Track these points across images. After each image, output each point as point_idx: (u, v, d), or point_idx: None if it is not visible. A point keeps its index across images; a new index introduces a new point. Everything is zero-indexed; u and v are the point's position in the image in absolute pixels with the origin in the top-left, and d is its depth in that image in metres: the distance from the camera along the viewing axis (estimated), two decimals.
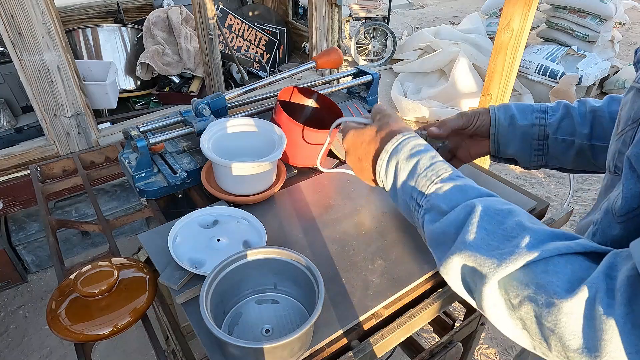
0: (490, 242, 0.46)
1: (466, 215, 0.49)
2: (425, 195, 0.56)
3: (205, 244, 0.83)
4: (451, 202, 0.53)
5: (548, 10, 3.96)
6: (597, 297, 0.37)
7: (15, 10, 1.49)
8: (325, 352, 0.69)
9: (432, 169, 0.58)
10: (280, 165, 1.05)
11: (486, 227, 0.47)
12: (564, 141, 0.77)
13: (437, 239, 0.53)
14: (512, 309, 0.43)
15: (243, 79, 2.67)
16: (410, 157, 0.60)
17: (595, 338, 0.36)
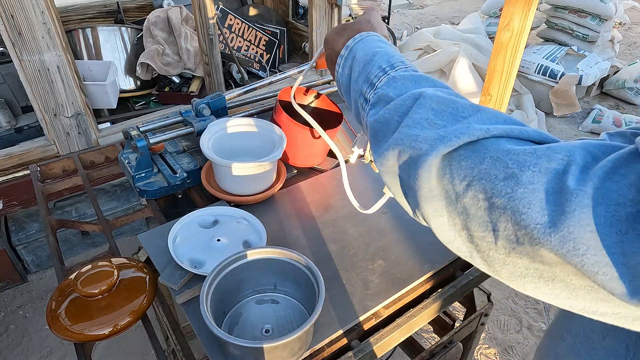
0: (437, 121, 0.39)
1: (413, 100, 0.43)
2: (375, 87, 0.49)
3: (205, 244, 0.83)
4: (400, 91, 0.46)
5: (548, 10, 3.96)
6: (570, 169, 0.31)
7: (15, 10, 1.49)
8: (325, 352, 0.69)
9: (387, 61, 0.51)
10: (280, 165, 1.05)
11: (433, 107, 0.41)
12: None
13: (379, 131, 0.45)
14: (455, 200, 0.36)
15: (243, 79, 2.67)
16: (367, 49, 0.54)
17: (555, 212, 0.31)
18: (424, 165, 0.38)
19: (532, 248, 0.32)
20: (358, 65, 0.54)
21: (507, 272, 0.35)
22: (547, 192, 0.31)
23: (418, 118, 0.40)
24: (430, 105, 0.41)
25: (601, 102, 3.87)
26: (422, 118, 0.40)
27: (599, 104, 3.78)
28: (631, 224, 0.28)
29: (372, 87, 0.50)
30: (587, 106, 3.77)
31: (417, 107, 0.41)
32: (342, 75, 0.57)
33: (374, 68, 0.51)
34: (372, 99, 0.49)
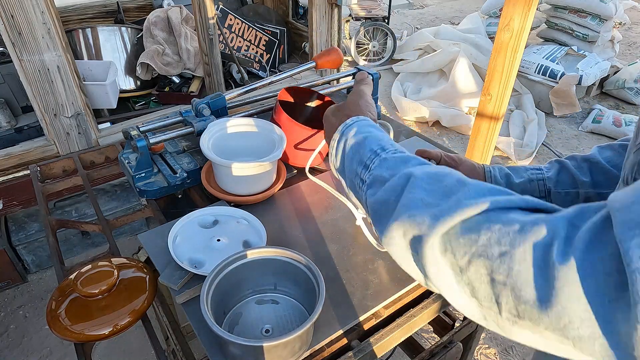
0: (430, 200, 0.43)
1: (406, 180, 0.47)
2: (369, 168, 0.54)
3: (205, 244, 0.83)
4: (392, 171, 0.50)
5: (548, 10, 3.97)
6: (554, 243, 0.33)
7: (15, 10, 1.49)
8: (325, 352, 0.69)
9: (378, 144, 0.56)
10: (280, 165, 1.05)
11: (425, 187, 0.44)
12: (568, 194, 0.73)
13: (379, 210, 0.49)
14: (460, 273, 0.39)
15: (243, 79, 2.67)
16: (358, 134, 0.59)
17: (547, 288, 0.32)
18: (427, 244, 0.41)
19: (532, 323, 0.34)
20: (351, 149, 0.58)
21: (518, 337, 0.37)
22: (538, 267, 0.33)
23: (412, 198, 0.44)
24: (421, 185, 0.45)
25: (601, 102, 3.87)
26: (417, 198, 0.44)
27: (599, 104, 3.78)
28: (620, 292, 0.29)
29: (367, 169, 0.54)
30: (587, 106, 3.77)
31: (411, 187, 0.45)
32: (336, 157, 0.62)
33: (366, 151, 0.56)
34: (368, 179, 0.53)
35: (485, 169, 0.80)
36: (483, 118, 2.05)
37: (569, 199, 0.73)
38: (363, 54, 4.60)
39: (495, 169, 0.79)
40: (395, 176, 0.48)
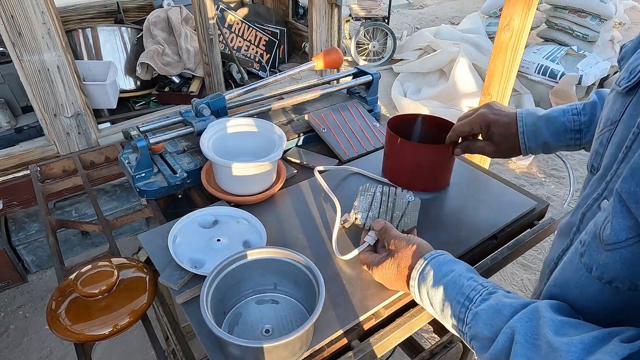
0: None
1: (509, 342, 0.50)
2: (465, 323, 0.57)
3: (205, 244, 0.83)
4: (492, 328, 0.53)
5: (548, 10, 3.97)
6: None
7: (15, 10, 1.49)
8: (325, 352, 0.69)
9: (462, 293, 0.59)
10: (280, 165, 1.05)
11: (528, 356, 0.47)
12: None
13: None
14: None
15: (243, 79, 2.67)
16: (436, 283, 0.63)
17: None
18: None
19: None
20: (435, 299, 0.62)
21: None
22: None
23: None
24: (524, 353, 0.47)
25: None
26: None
27: None
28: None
29: (463, 323, 0.58)
30: None
31: (515, 357, 0.48)
32: (424, 306, 0.67)
33: (454, 305, 0.59)
34: (468, 332, 0.57)
35: (519, 140, 0.82)
36: None
37: None
38: (363, 54, 4.60)
39: (530, 138, 0.81)
40: (498, 338, 0.51)
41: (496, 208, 0.97)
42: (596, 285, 0.47)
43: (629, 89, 0.50)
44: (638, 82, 0.49)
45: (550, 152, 0.83)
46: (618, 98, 0.53)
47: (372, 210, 0.85)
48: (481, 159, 2.13)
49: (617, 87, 0.53)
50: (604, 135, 0.54)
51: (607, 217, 0.45)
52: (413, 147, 0.96)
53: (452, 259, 0.66)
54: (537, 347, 0.47)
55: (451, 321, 0.60)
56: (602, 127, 0.55)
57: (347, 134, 1.21)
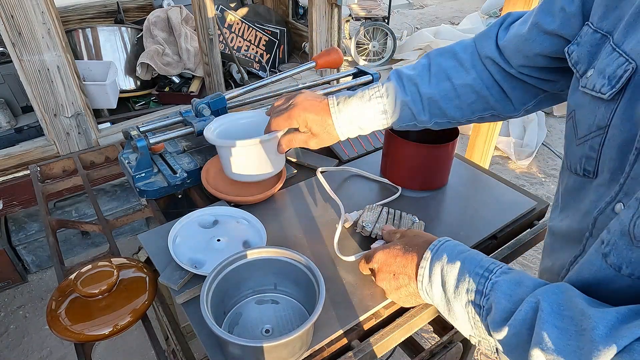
0: (568, 341, 0.45)
1: (533, 313, 0.49)
2: (483, 295, 0.55)
3: (205, 244, 0.83)
4: (513, 298, 0.52)
5: None
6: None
7: (15, 10, 1.49)
8: (325, 352, 0.69)
9: (480, 266, 0.58)
10: None
11: (555, 325, 0.46)
12: (407, 125, 0.83)
13: (511, 342, 0.51)
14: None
15: (243, 79, 2.67)
16: (453, 258, 0.60)
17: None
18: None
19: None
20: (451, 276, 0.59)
21: None
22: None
23: (550, 340, 0.45)
24: (552, 321, 0.46)
25: None
26: (553, 338, 0.45)
27: None
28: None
29: (482, 295, 0.55)
30: None
31: (541, 323, 0.47)
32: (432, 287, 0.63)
33: (472, 275, 0.57)
34: (486, 305, 0.55)
35: (335, 126, 0.84)
36: None
37: (407, 128, 0.84)
38: (363, 54, 4.60)
39: (344, 125, 0.84)
40: (520, 308, 0.50)
41: (496, 208, 0.97)
42: (624, 281, 0.47)
43: (614, 95, 0.50)
44: (622, 88, 0.49)
45: (365, 132, 0.85)
46: (600, 104, 0.52)
47: (379, 222, 0.86)
48: (481, 158, 2.13)
49: (599, 94, 0.52)
50: (592, 140, 0.54)
51: (635, 213, 0.45)
52: (411, 146, 0.96)
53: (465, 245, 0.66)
54: (565, 317, 0.46)
55: (466, 297, 0.57)
56: (586, 132, 0.55)
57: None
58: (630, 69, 0.49)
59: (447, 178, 1.04)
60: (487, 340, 0.56)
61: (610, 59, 0.51)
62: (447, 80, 0.78)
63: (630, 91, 0.49)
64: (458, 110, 0.79)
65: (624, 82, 0.49)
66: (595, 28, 0.55)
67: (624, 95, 0.50)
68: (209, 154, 1.10)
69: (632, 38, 0.50)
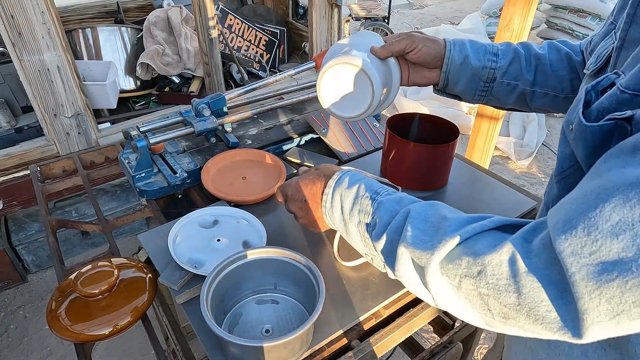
0: (423, 237, 0.51)
1: (403, 220, 0.55)
2: (371, 213, 0.60)
3: (205, 244, 0.83)
4: (392, 213, 0.57)
5: (548, 10, 3.97)
6: (515, 258, 0.42)
7: (15, 10, 1.49)
8: (325, 352, 0.69)
9: (372, 190, 0.62)
10: (280, 165, 1.05)
11: (418, 226, 0.53)
12: (509, 85, 0.80)
13: (387, 249, 0.57)
14: (456, 290, 0.48)
15: (243, 79, 2.67)
16: (351, 184, 0.64)
17: (519, 293, 0.42)
18: (428, 272, 0.50)
19: (515, 320, 0.44)
20: (348, 199, 0.64)
21: (510, 332, 0.47)
22: (507, 279, 0.43)
23: (411, 236, 0.52)
24: (415, 224, 0.53)
25: None
26: (414, 235, 0.52)
27: None
28: (566, 288, 0.39)
29: (368, 214, 0.60)
30: None
31: (408, 226, 0.53)
32: (332, 209, 0.67)
33: (363, 199, 0.62)
34: (372, 222, 0.60)
35: (446, 46, 0.80)
36: (483, 118, 2.05)
37: (508, 89, 0.81)
38: None
39: (455, 48, 0.80)
40: (394, 218, 0.56)
41: (496, 208, 0.97)
42: None
43: (597, 72, 0.56)
44: (603, 65, 0.55)
45: (464, 85, 0.82)
46: (589, 81, 0.57)
47: None
48: (481, 158, 2.13)
49: (587, 71, 0.59)
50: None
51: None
52: (411, 146, 0.96)
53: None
54: (427, 222, 0.53)
55: (358, 218, 0.62)
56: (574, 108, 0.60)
57: (347, 133, 1.21)
58: (611, 48, 0.54)
59: (447, 178, 1.04)
60: (377, 256, 0.60)
61: (606, 41, 0.57)
62: (557, 51, 0.80)
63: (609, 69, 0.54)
64: (560, 82, 0.79)
65: (604, 59, 0.55)
66: (613, 21, 0.60)
67: (605, 72, 0.53)
68: (209, 153, 1.10)
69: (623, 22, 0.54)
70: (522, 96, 0.82)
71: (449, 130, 0.99)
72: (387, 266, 0.58)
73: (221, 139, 1.17)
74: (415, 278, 0.53)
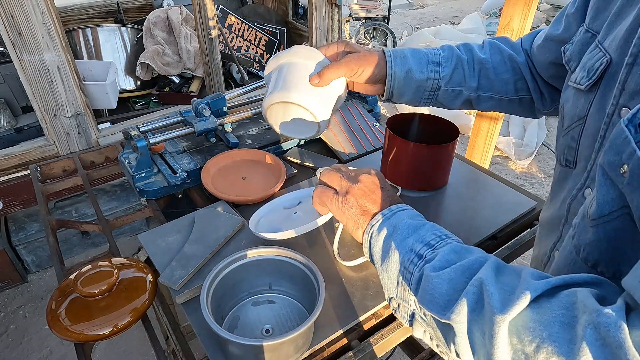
0: (504, 287, 0.45)
1: (478, 265, 0.48)
2: (433, 247, 0.53)
3: (285, 217, 0.82)
4: (460, 255, 0.51)
5: (548, 10, 3.97)
6: (599, 326, 0.35)
7: (15, 10, 1.49)
8: (325, 352, 0.69)
9: (439, 229, 0.57)
10: (280, 165, 1.05)
11: (494, 277, 0.46)
12: (454, 91, 0.80)
13: (440, 288, 0.49)
14: (521, 354, 0.40)
15: (243, 79, 2.67)
16: (415, 218, 0.59)
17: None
18: (495, 327, 0.41)
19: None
20: (408, 228, 0.57)
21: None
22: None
23: (487, 282, 0.45)
24: (493, 272, 0.46)
25: None
26: (489, 282, 0.44)
27: None
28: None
29: (430, 247, 0.54)
30: None
31: (484, 270, 0.46)
32: (378, 236, 0.59)
33: (428, 233, 0.56)
34: (429, 255, 0.53)
35: (387, 63, 0.77)
36: (483, 118, 2.05)
37: (453, 95, 0.80)
38: None
39: (397, 63, 0.77)
40: (464, 259, 0.50)
41: (496, 208, 0.97)
42: (583, 271, 0.48)
43: (591, 86, 0.54)
44: (598, 80, 0.53)
45: (410, 96, 0.80)
46: (580, 95, 0.57)
47: None
48: (481, 158, 2.13)
49: (579, 85, 0.57)
50: (573, 130, 0.58)
51: (595, 196, 0.47)
52: (411, 146, 0.96)
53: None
54: (502, 274, 0.46)
55: (411, 246, 0.55)
56: (569, 122, 0.59)
57: (347, 133, 1.21)
58: (605, 62, 0.52)
59: (447, 178, 1.04)
60: (407, 302, 0.54)
61: (592, 54, 0.55)
62: (500, 53, 0.81)
63: (604, 83, 0.53)
64: (504, 85, 0.80)
65: (599, 74, 0.53)
66: (587, 28, 0.59)
67: (600, 87, 0.53)
68: (209, 153, 1.10)
69: (611, 34, 0.53)
70: (467, 101, 0.82)
71: (449, 130, 0.99)
72: (427, 306, 0.50)
73: (221, 139, 1.17)
74: (467, 337, 0.46)
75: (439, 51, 0.80)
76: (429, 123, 1.05)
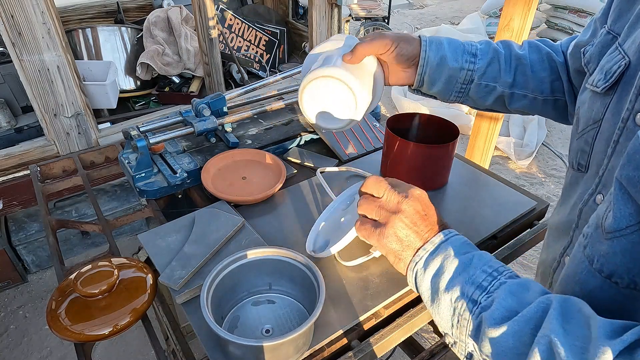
0: (575, 342, 0.42)
1: (543, 314, 0.45)
2: (487, 291, 0.50)
3: (335, 226, 0.83)
4: (519, 299, 0.48)
5: (548, 10, 3.97)
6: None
7: (15, 10, 1.49)
8: (325, 352, 0.69)
9: (489, 265, 0.52)
10: (280, 165, 1.05)
11: (565, 328, 0.43)
12: (487, 86, 0.77)
13: (506, 342, 0.46)
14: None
15: (243, 79, 2.67)
16: (461, 252, 0.55)
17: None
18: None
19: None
20: (455, 267, 0.53)
21: None
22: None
23: (555, 339, 0.41)
24: (557, 320, 0.43)
25: None
26: (558, 338, 0.41)
27: None
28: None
29: (484, 290, 0.50)
30: None
31: (548, 322, 0.43)
32: (425, 271, 0.56)
33: (477, 271, 0.52)
34: (484, 301, 0.49)
35: (422, 46, 0.75)
36: (483, 118, 2.05)
37: (486, 90, 0.77)
38: None
39: (432, 48, 0.75)
40: (524, 305, 0.46)
41: (496, 208, 0.97)
42: (597, 280, 0.47)
43: (607, 89, 0.53)
44: (615, 82, 0.52)
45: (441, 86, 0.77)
46: (597, 98, 0.55)
47: None
48: (481, 158, 2.13)
49: (595, 88, 0.55)
50: (587, 134, 0.57)
51: (609, 206, 0.45)
52: (411, 146, 0.96)
53: None
54: (572, 319, 0.43)
55: (461, 291, 0.51)
56: (584, 126, 0.58)
57: (347, 134, 1.21)
58: (624, 64, 0.51)
59: (447, 178, 1.04)
60: (464, 343, 0.51)
61: (611, 56, 0.54)
62: (538, 51, 0.78)
63: (622, 86, 0.51)
64: (540, 84, 0.77)
65: (617, 76, 0.51)
66: (609, 29, 0.58)
67: (617, 90, 0.52)
68: (209, 153, 1.10)
69: (631, 37, 0.52)
70: (500, 98, 0.79)
71: (449, 130, 0.99)
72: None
73: (221, 139, 1.17)
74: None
75: (476, 43, 0.78)
76: (429, 123, 1.05)
